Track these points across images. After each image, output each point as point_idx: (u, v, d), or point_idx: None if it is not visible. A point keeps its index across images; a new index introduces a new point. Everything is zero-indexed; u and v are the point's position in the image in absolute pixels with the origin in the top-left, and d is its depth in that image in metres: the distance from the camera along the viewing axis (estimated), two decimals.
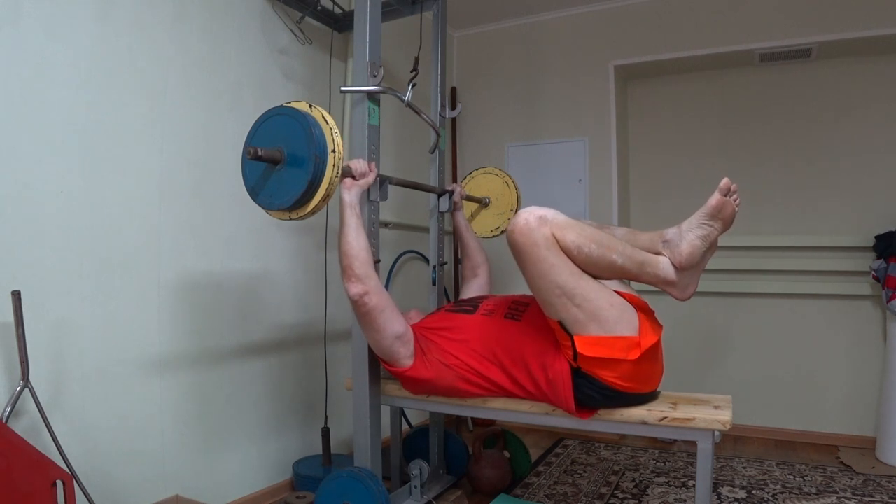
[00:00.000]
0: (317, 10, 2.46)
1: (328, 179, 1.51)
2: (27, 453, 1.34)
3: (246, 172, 1.61)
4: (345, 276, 1.69)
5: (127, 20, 1.81)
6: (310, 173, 1.48)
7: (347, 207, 1.72)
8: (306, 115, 1.52)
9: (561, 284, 1.52)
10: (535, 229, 1.52)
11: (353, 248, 1.68)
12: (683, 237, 1.57)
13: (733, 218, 1.58)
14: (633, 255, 1.58)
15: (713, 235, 1.57)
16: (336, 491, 1.84)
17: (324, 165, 1.50)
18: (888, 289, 2.64)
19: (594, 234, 1.56)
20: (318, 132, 1.51)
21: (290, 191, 1.52)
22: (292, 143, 1.52)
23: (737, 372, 3.11)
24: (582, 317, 1.54)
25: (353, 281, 1.68)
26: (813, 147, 3.00)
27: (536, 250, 1.52)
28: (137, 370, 1.84)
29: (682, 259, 1.56)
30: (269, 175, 1.56)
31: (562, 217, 1.56)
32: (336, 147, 1.51)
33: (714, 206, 1.55)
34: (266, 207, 1.60)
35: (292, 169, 1.52)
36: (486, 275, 2.33)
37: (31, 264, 1.57)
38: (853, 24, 2.68)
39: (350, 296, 1.69)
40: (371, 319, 1.71)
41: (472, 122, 3.56)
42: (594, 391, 1.59)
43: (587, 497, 2.28)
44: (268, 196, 1.57)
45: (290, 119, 1.54)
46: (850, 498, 2.23)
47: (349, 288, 1.68)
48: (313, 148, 1.49)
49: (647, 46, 3.10)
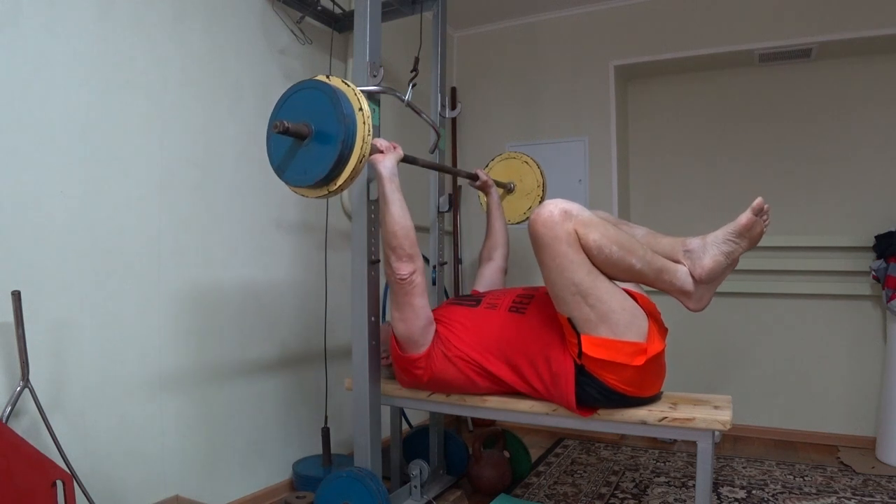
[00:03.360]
0: (317, 10, 2.46)
1: (358, 152, 1.45)
2: (27, 453, 1.34)
3: (271, 149, 1.56)
4: (394, 256, 1.65)
5: (127, 20, 1.81)
6: (339, 146, 1.43)
7: (387, 181, 1.67)
8: (335, 89, 1.48)
9: (577, 282, 1.51)
10: (559, 223, 1.49)
11: (403, 225, 1.65)
12: (707, 251, 1.56)
13: (760, 237, 1.56)
14: (652, 262, 1.56)
15: (737, 253, 1.56)
16: (336, 491, 1.84)
17: (353, 138, 1.45)
18: (888, 289, 2.64)
19: (617, 235, 1.53)
20: (347, 105, 1.46)
21: (319, 166, 1.46)
22: (320, 117, 1.47)
23: (737, 372, 3.11)
24: (593, 317, 1.53)
25: (404, 260, 1.65)
26: (812, 147, 3.00)
27: (557, 244, 1.50)
28: (137, 370, 1.84)
29: (704, 273, 1.55)
30: (296, 151, 1.51)
31: (587, 214, 1.54)
32: (366, 119, 1.46)
33: (744, 224, 1.53)
34: (293, 184, 1.54)
35: (320, 144, 1.47)
36: (501, 259, 2.30)
37: (31, 264, 1.57)
38: (853, 24, 2.68)
39: (400, 275, 1.65)
40: (412, 298, 1.69)
41: (472, 122, 3.56)
42: (596, 391, 1.58)
43: (587, 497, 2.28)
44: (295, 172, 1.51)
45: (317, 93, 1.49)
46: (850, 498, 2.23)
47: (400, 268, 1.64)
48: (342, 120, 1.43)
49: (647, 46, 3.10)
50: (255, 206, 2.27)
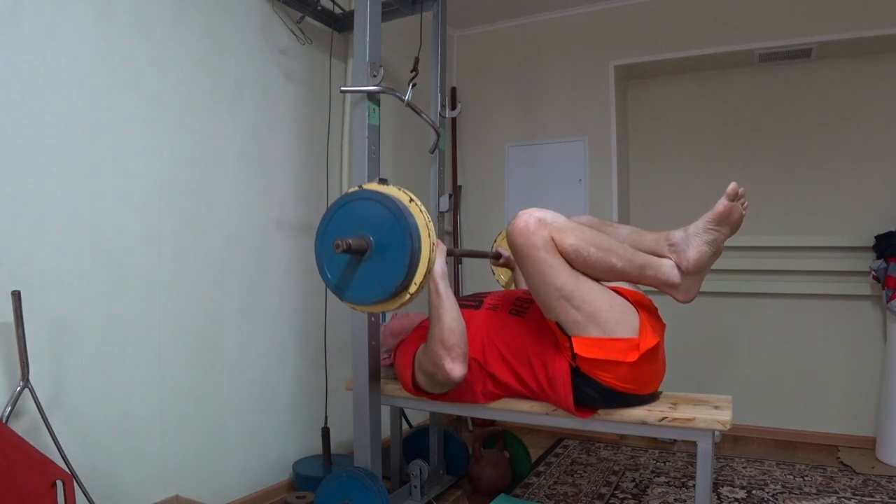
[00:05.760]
0: (317, 10, 2.46)
1: (427, 255, 1.40)
2: (27, 453, 1.34)
3: (326, 269, 1.48)
4: (450, 357, 1.62)
5: (127, 20, 1.81)
6: (407, 254, 1.37)
7: (440, 278, 1.68)
8: (389, 196, 1.43)
9: (559, 286, 1.52)
10: (534, 232, 1.51)
11: (460, 324, 1.64)
12: (690, 242, 1.56)
13: (741, 222, 1.56)
14: (633, 258, 1.57)
15: (720, 240, 1.57)
16: (336, 491, 1.84)
17: (419, 243, 1.39)
18: (888, 289, 2.64)
19: (594, 237, 1.54)
20: (405, 209, 1.41)
21: (389, 279, 1.40)
22: (376, 228, 1.42)
23: (737, 372, 3.11)
24: (580, 318, 1.53)
25: (459, 361, 1.63)
26: (812, 147, 3.00)
27: (535, 252, 1.52)
28: (137, 370, 1.84)
29: (690, 264, 1.55)
30: (356, 268, 1.44)
31: (561, 220, 1.55)
32: (427, 220, 1.41)
33: (721, 211, 1.54)
34: (358, 303, 1.48)
35: (381, 256, 1.41)
36: None
37: (31, 264, 1.57)
38: (853, 24, 2.68)
39: (453, 378, 1.63)
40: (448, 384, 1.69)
41: (472, 122, 3.56)
42: (593, 391, 1.59)
43: (587, 497, 2.28)
44: (360, 290, 1.45)
45: (364, 203, 1.45)
46: (850, 498, 2.23)
47: (455, 369, 1.62)
48: (405, 226, 1.37)
49: (647, 46, 3.10)
50: (255, 206, 2.27)
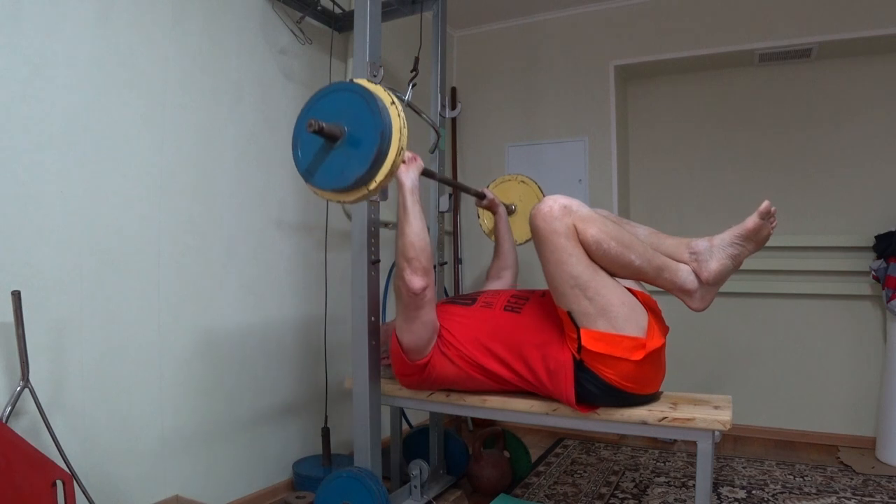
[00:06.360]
0: (317, 10, 2.46)
1: (393, 157, 1.41)
2: (27, 453, 1.34)
3: (299, 152, 1.51)
4: (409, 269, 1.64)
5: (127, 20, 1.81)
6: (374, 150, 1.39)
7: (409, 192, 1.67)
8: (372, 92, 1.45)
9: (576, 276, 1.52)
10: (558, 218, 1.51)
11: (422, 238, 1.64)
12: (714, 254, 1.56)
13: (767, 240, 1.57)
14: (652, 259, 1.57)
15: (744, 256, 1.57)
16: (336, 491, 1.84)
17: (388, 143, 1.40)
18: (888, 289, 2.64)
19: (616, 231, 1.54)
20: (379, 101, 1.42)
21: (352, 169, 1.41)
22: (351, 116, 1.43)
23: (737, 372, 3.11)
24: (592, 310, 1.53)
25: (419, 274, 1.63)
26: (812, 147, 3.01)
27: (556, 238, 1.51)
28: (137, 370, 1.84)
29: (710, 275, 1.56)
30: (327, 154, 1.47)
31: (586, 209, 1.55)
32: (400, 113, 1.42)
33: (752, 228, 1.54)
34: (325, 187, 1.50)
35: (352, 147, 1.43)
36: (510, 279, 2.28)
37: (31, 264, 1.57)
38: (853, 24, 2.68)
39: (413, 289, 1.64)
40: (422, 312, 1.68)
41: (472, 122, 3.56)
42: (595, 386, 1.58)
43: (587, 497, 2.28)
44: (328, 175, 1.46)
45: (346, 94, 1.46)
46: (850, 498, 2.23)
47: (414, 281, 1.63)
48: (379, 123, 1.39)
49: (647, 46, 3.10)
50: (255, 206, 2.27)
